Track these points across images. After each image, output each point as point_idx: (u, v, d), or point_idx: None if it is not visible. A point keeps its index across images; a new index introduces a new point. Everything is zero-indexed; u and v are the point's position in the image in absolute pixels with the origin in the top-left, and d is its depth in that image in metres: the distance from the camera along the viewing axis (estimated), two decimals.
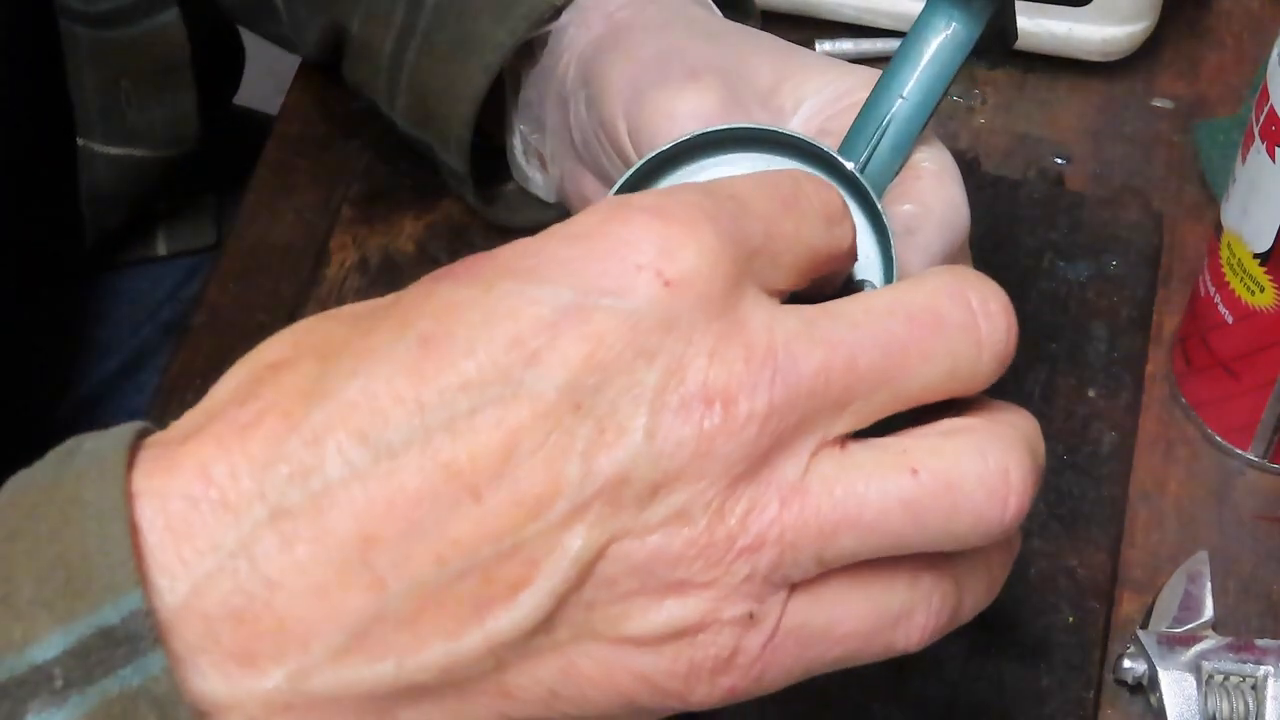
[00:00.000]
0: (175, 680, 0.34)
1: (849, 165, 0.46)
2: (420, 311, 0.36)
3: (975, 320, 0.39)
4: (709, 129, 0.47)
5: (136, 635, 0.33)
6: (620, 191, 0.46)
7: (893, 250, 0.46)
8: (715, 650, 0.37)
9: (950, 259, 0.50)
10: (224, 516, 0.34)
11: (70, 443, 0.36)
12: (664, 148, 0.47)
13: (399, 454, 0.34)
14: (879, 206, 0.46)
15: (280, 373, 0.36)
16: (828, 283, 0.42)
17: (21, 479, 0.36)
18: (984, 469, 0.38)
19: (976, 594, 0.41)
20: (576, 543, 0.35)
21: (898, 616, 0.39)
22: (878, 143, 0.49)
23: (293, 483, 0.34)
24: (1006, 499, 0.38)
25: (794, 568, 0.37)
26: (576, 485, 0.35)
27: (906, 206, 0.49)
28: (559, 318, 0.35)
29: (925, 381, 0.38)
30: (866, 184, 0.46)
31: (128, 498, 0.34)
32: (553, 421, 0.35)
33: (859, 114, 0.49)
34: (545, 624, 0.36)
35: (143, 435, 0.36)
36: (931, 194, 0.49)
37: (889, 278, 0.46)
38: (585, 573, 0.36)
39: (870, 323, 0.37)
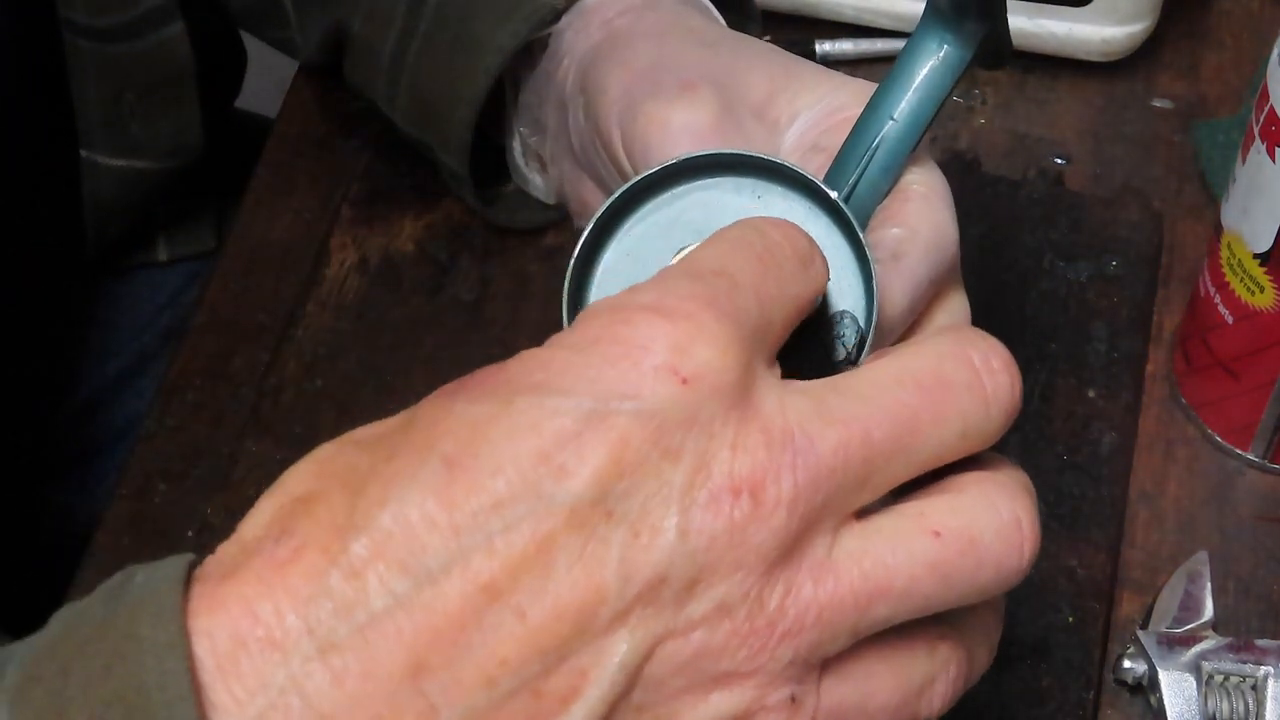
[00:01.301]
0: None
1: (834, 195, 0.46)
2: (440, 432, 0.36)
3: (980, 379, 0.39)
4: (697, 154, 0.47)
5: None
6: (605, 213, 0.46)
7: (874, 280, 0.46)
8: None
9: (936, 284, 0.50)
10: (272, 654, 0.34)
11: (119, 577, 0.36)
12: (650, 172, 0.47)
13: (439, 579, 0.34)
14: (861, 237, 0.46)
15: (312, 506, 0.36)
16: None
17: (69, 614, 0.36)
18: (1000, 521, 0.39)
19: (981, 657, 0.43)
20: (622, 648, 0.35)
21: (922, 686, 0.40)
22: (867, 164, 0.49)
23: (338, 617, 0.34)
24: (1022, 546, 0.39)
25: (832, 644, 0.37)
26: (617, 592, 0.35)
27: (894, 230, 0.49)
28: (582, 427, 0.35)
29: (938, 446, 0.39)
30: (851, 215, 0.46)
31: (185, 634, 0.34)
32: (587, 531, 0.35)
33: (849, 135, 0.49)
34: None
35: (191, 567, 0.36)
36: (918, 217, 0.49)
37: (870, 307, 0.46)
38: (633, 677, 0.36)
39: (879, 395, 0.38)
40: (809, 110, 0.52)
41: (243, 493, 0.66)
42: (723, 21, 0.61)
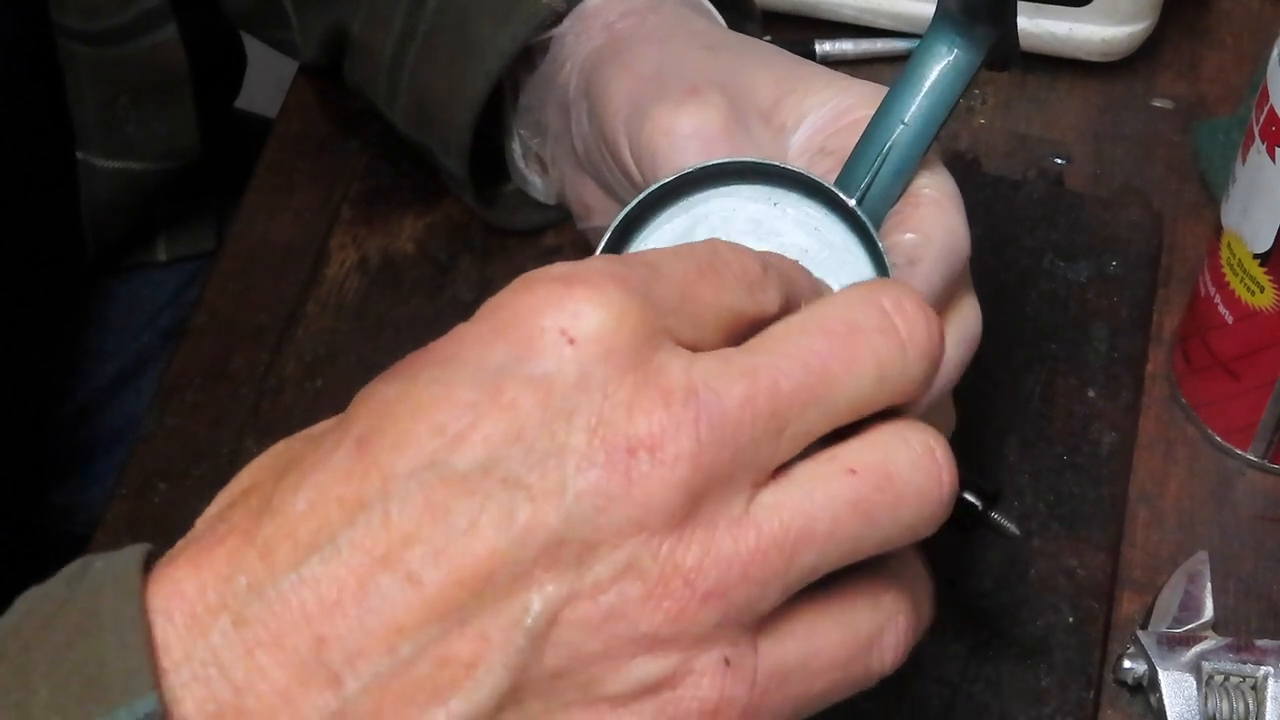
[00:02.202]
0: None
1: (850, 201, 0.46)
2: (358, 415, 0.37)
3: (892, 322, 0.39)
4: (713, 162, 0.47)
5: None
6: (620, 226, 0.46)
7: None
8: (698, 703, 0.37)
9: (951, 288, 0.50)
10: (195, 628, 0.36)
11: (78, 563, 0.38)
12: (667, 180, 0.47)
13: (342, 552, 0.36)
14: (879, 243, 0.46)
15: (248, 496, 0.38)
16: None
17: (32, 596, 0.37)
18: (913, 452, 0.38)
19: (925, 605, 0.42)
20: (525, 614, 0.35)
21: (870, 638, 0.40)
22: (879, 169, 0.49)
23: (250, 593, 0.36)
24: (940, 475, 0.39)
25: (763, 601, 0.37)
26: (514, 555, 0.35)
27: (908, 236, 0.49)
28: (477, 396, 0.36)
29: (855, 393, 0.38)
30: (866, 219, 0.46)
31: (144, 610, 0.36)
32: (481, 497, 0.35)
33: (860, 140, 0.49)
34: (510, 698, 0.36)
35: (149, 555, 0.38)
36: (932, 222, 0.49)
37: None
38: (541, 641, 0.36)
39: (786, 344, 0.38)
40: (815, 113, 0.52)
41: None
42: (723, 23, 0.61)
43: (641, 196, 0.47)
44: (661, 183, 0.47)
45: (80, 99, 0.77)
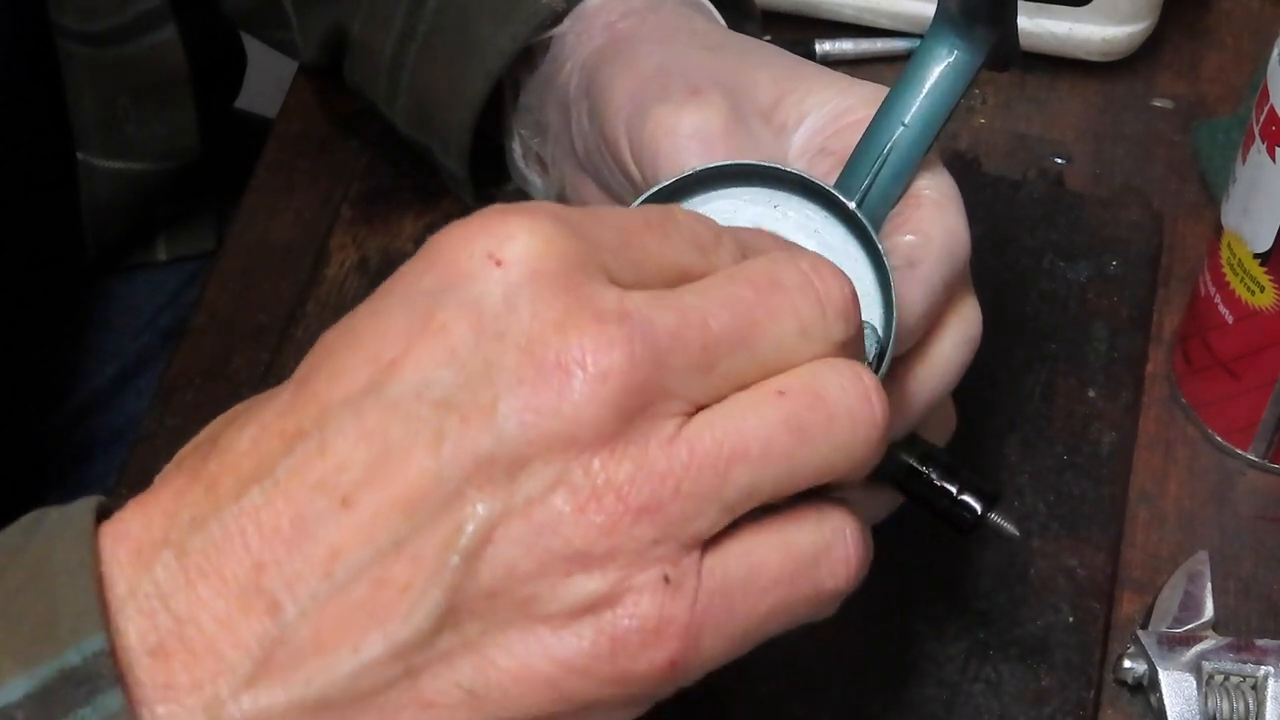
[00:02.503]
0: (131, 718, 0.35)
1: (849, 204, 0.46)
2: (308, 360, 0.38)
3: (810, 281, 0.40)
4: (711, 165, 0.47)
5: (96, 674, 0.35)
6: None
7: (893, 287, 0.46)
8: (637, 621, 0.37)
9: (951, 289, 0.50)
10: (139, 563, 0.37)
11: (32, 515, 0.39)
12: (669, 182, 0.47)
13: (279, 483, 0.36)
14: (879, 245, 0.46)
15: (201, 444, 0.39)
16: None
17: None
18: (840, 375, 0.39)
19: (868, 532, 0.42)
20: (458, 531, 0.36)
21: (816, 554, 0.40)
22: (879, 170, 0.49)
23: (193, 526, 0.37)
24: (869, 396, 0.39)
25: (700, 519, 0.37)
26: (446, 475, 0.36)
27: (908, 237, 0.49)
28: (408, 323, 0.37)
29: (778, 341, 0.39)
30: (866, 221, 0.46)
31: (95, 553, 0.37)
32: (414, 421, 0.36)
33: (860, 141, 0.49)
34: (448, 619, 0.36)
35: (103, 508, 0.39)
36: (932, 223, 0.50)
37: (889, 314, 0.46)
38: (474, 560, 0.36)
39: (713, 290, 0.39)
40: (816, 113, 0.52)
41: None
42: (724, 23, 0.61)
43: (643, 198, 0.47)
44: (662, 185, 0.47)
45: (79, 99, 0.77)
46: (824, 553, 0.40)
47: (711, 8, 0.62)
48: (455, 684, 0.37)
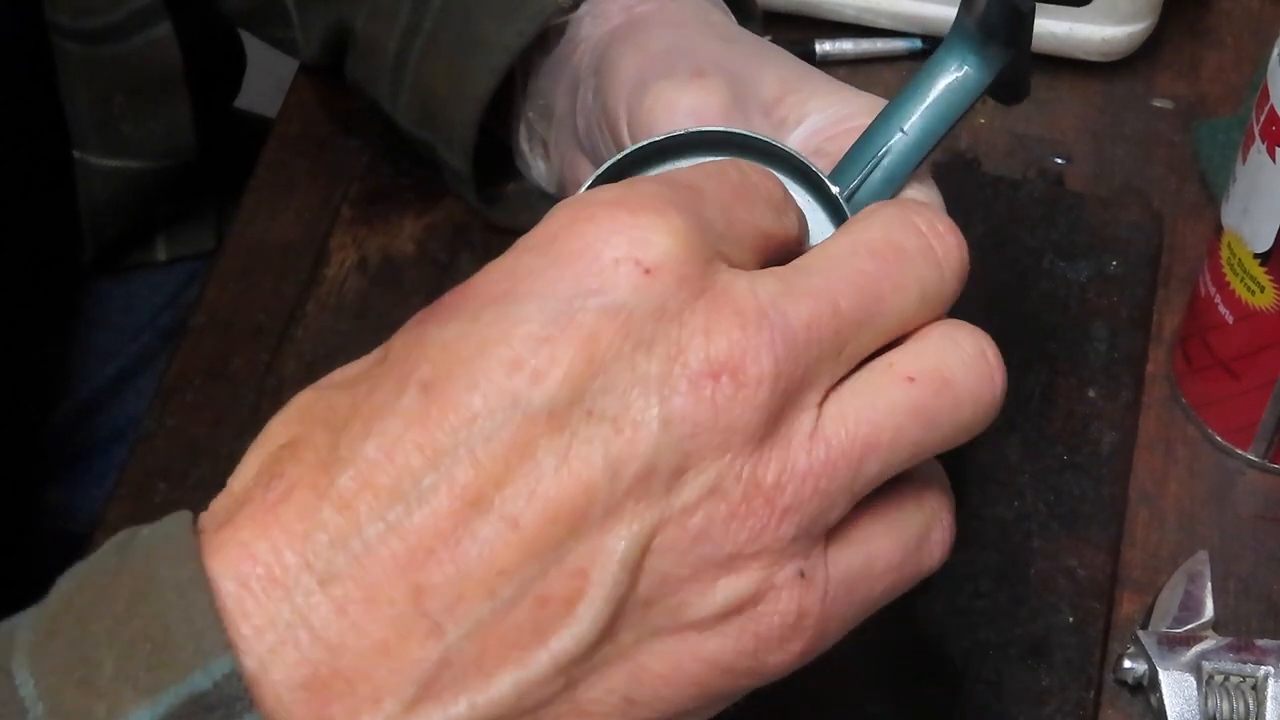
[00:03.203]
0: None
1: (835, 189, 0.47)
2: (415, 360, 0.36)
3: (929, 243, 0.40)
4: (705, 128, 0.47)
5: (231, 698, 0.34)
6: (605, 173, 0.46)
7: None
8: (779, 618, 0.37)
9: None
10: (275, 591, 0.35)
11: (124, 534, 0.37)
12: (658, 138, 0.47)
13: (428, 499, 0.35)
14: None
15: (297, 449, 0.37)
16: None
17: (78, 571, 0.36)
18: (966, 355, 0.39)
19: (953, 497, 0.43)
20: (620, 544, 0.36)
21: (920, 539, 0.40)
22: (871, 171, 0.49)
23: (334, 548, 0.35)
24: (992, 377, 0.40)
25: (833, 512, 0.38)
26: (606, 488, 0.35)
27: None
28: (550, 330, 0.36)
29: (901, 311, 0.39)
30: (849, 211, 0.47)
31: (203, 570, 0.34)
32: (568, 432, 0.35)
33: (858, 140, 0.50)
34: (608, 631, 0.36)
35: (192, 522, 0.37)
36: None
37: None
38: (635, 571, 0.36)
39: (840, 267, 0.38)
40: (818, 115, 0.52)
41: None
42: (740, 26, 0.62)
43: (632, 149, 0.47)
44: (655, 139, 0.47)
45: (75, 97, 0.77)
46: (926, 535, 0.41)
47: (727, 9, 0.62)
48: (610, 691, 0.37)
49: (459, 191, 0.70)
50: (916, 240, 0.40)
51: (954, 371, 0.39)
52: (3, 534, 0.84)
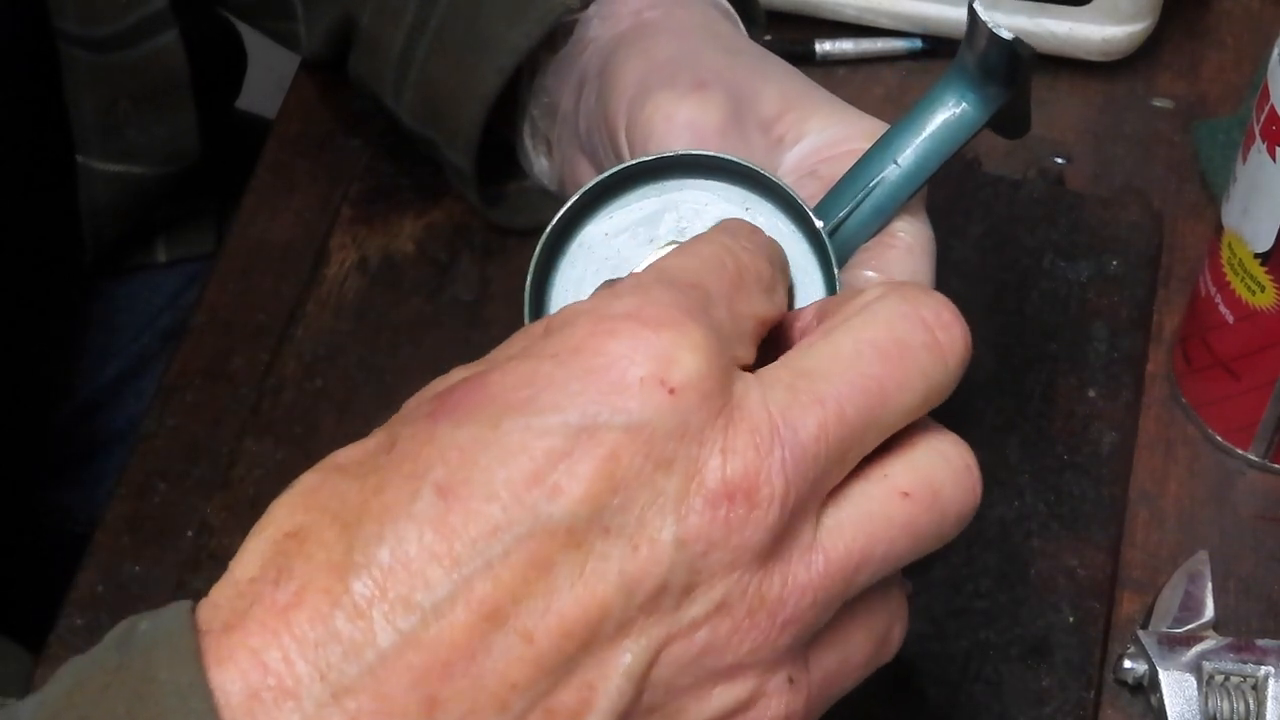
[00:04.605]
0: None
1: (820, 224, 0.47)
2: (427, 459, 0.36)
3: (935, 337, 0.40)
4: (697, 151, 0.47)
5: None
6: (596, 187, 0.46)
7: None
8: None
9: None
10: (286, 703, 0.34)
11: (123, 626, 0.36)
12: (646, 158, 0.47)
13: (444, 611, 0.35)
14: (836, 273, 0.46)
15: (305, 544, 0.36)
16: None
17: (79, 665, 0.36)
18: (953, 469, 0.40)
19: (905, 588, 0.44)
20: (627, 658, 0.36)
21: (885, 635, 0.41)
22: (861, 202, 0.49)
23: (347, 659, 0.34)
24: (974, 490, 0.40)
25: (823, 620, 0.38)
26: (621, 605, 0.36)
27: (869, 274, 0.50)
28: (572, 445, 0.35)
29: (905, 410, 0.39)
30: (830, 245, 0.47)
31: (203, 672, 0.34)
32: (585, 548, 0.35)
33: (851, 169, 0.50)
34: None
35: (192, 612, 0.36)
36: (898, 267, 0.50)
37: None
38: (641, 684, 0.36)
39: (846, 370, 0.38)
40: (815, 135, 0.52)
41: (242, 493, 0.66)
42: (746, 35, 0.62)
43: (618, 169, 0.47)
44: (642, 159, 0.47)
45: (80, 103, 0.77)
46: (891, 630, 0.42)
47: (737, 17, 0.62)
48: None
49: (460, 189, 0.70)
50: (923, 336, 0.39)
51: (943, 486, 0.40)
52: (3, 534, 0.84)
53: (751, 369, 0.39)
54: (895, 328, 0.39)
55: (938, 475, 0.40)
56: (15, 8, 0.74)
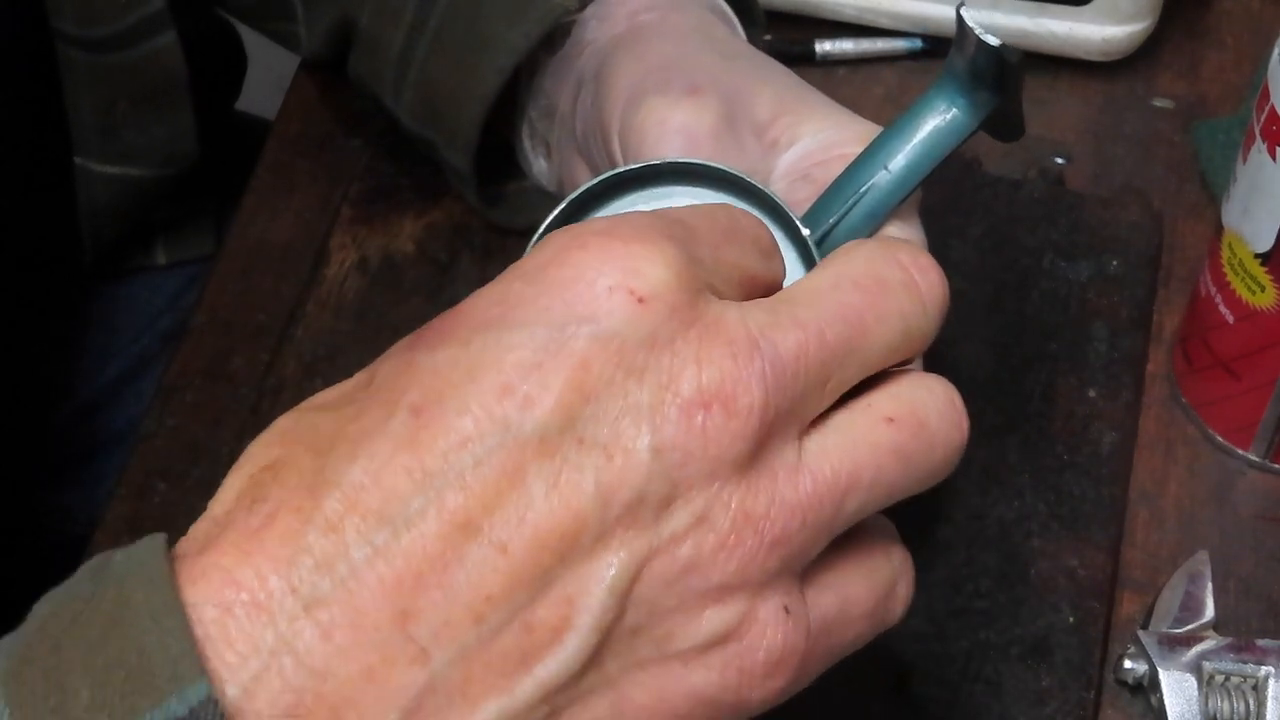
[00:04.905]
0: None
1: (807, 233, 0.47)
2: (403, 385, 0.36)
3: (912, 277, 0.40)
4: (685, 160, 0.48)
5: None
6: (584, 194, 0.47)
7: None
8: (764, 653, 0.37)
9: None
10: (259, 617, 0.34)
11: (97, 559, 0.36)
12: (636, 166, 0.47)
13: (416, 523, 0.35)
14: None
15: (279, 472, 0.36)
16: None
17: (53, 597, 0.36)
18: (938, 401, 0.40)
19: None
20: (609, 572, 0.35)
21: (887, 589, 0.41)
22: (852, 207, 0.49)
23: (319, 572, 0.34)
24: (960, 423, 0.40)
25: (814, 547, 0.38)
26: (597, 515, 0.35)
27: None
28: (542, 356, 0.35)
29: (885, 345, 0.39)
30: (817, 255, 0.47)
31: (177, 594, 0.34)
32: (559, 458, 0.35)
33: (841, 174, 0.50)
34: (594, 659, 0.36)
35: (167, 546, 0.36)
36: None
37: None
38: (623, 599, 0.36)
39: (825, 298, 0.39)
40: (809, 139, 0.52)
41: None
42: (745, 37, 0.62)
43: (607, 175, 0.47)
44: (632, 167, 0.47)
45: (78, 105, 0.77)
46: (893, 586, 0.41)
47: (735, 20, 0.62)
48: None
49: (460, 188, 0.70)
50: (899, 274, 0.40)
51: (929, 415, 0.40)
52: (3, 535, 0.84)
53: None
54: (873, 265, 0.40)
55: (922, 404, 0.40)
56: (13, 8, 0.74)
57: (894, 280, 0.40)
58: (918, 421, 0.39)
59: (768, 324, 0.37)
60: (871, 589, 0.40)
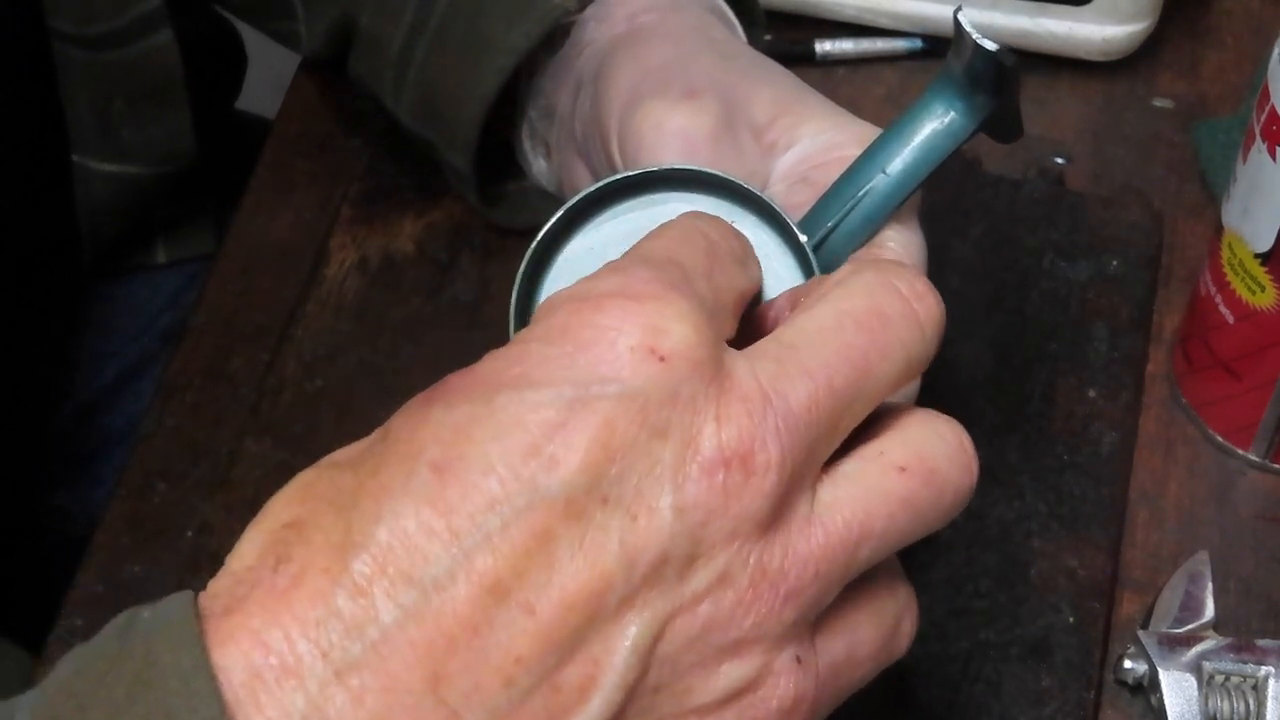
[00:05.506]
0: None
1: (804, 239, 0.47)
2: (421, 441, 0.36)
3: (911, 306, 0.40)
4: (684, 166, 0.48)
5: None
6: (582, 201, 0.47)
7: None
8: (777, 702, 0.38)
9: None
10: (289, 682, 0.34)
11: (124, 616, 0.36)
12: (633, 173, 0.47)
13: (445, 585, 0.34)
14: None
15: (303, 530, 0.36)
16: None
17: (79, 653, 0.36)
18: (948, 447, 0.40)
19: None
20: (632, 631, 0.36)
21: (894, 627, 0.41)
22: (849, 211, 0.49)
23: (349, 636, 0.34)
24: (970, 467, 0.40)
25: (826, 597, 0.38)
26: (623, 576, 0.35)
27: None
28: (566, 416, 0.35)
29: (888, 379, 0.40)
30: (816, 263, 0.47)
31: (206, 655, 0.34)
32: (585, 519, 0.35)
33: (839, 178, 0.50)
34: (617, 717, 0.36)
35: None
36: None
37: None
38: (647, 659, 0.36)
39: (829, 341, 0.39)
40: (808, 141, 0.52)
41: (242, 493, 0.66)
42: (744, 38, 0.62)
43: (603, 183, 0.47)
44: (628, 174, 0.47)
45: (75, 103, 0.77)
46: (898, 624, 0.42)
47: (735, 21, 0.62)
48: None
49: (460, 189, 0.70)
50: (899, 305, 0.40)
51: (939, 462, 0.40)
52: (3, 535, 0.84)
53: (733, 345, 0.39)
54: (873, 299, 0.40)
55: (932, 451, 0.40)
56: (10, 6, 0.74)
57: (894, 312, 0.40)
58: (929, 469, 0.39)
59: (777, 375, 0.37)
60: (879, 630, 0.41)
